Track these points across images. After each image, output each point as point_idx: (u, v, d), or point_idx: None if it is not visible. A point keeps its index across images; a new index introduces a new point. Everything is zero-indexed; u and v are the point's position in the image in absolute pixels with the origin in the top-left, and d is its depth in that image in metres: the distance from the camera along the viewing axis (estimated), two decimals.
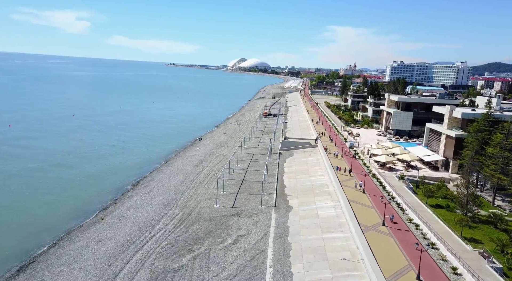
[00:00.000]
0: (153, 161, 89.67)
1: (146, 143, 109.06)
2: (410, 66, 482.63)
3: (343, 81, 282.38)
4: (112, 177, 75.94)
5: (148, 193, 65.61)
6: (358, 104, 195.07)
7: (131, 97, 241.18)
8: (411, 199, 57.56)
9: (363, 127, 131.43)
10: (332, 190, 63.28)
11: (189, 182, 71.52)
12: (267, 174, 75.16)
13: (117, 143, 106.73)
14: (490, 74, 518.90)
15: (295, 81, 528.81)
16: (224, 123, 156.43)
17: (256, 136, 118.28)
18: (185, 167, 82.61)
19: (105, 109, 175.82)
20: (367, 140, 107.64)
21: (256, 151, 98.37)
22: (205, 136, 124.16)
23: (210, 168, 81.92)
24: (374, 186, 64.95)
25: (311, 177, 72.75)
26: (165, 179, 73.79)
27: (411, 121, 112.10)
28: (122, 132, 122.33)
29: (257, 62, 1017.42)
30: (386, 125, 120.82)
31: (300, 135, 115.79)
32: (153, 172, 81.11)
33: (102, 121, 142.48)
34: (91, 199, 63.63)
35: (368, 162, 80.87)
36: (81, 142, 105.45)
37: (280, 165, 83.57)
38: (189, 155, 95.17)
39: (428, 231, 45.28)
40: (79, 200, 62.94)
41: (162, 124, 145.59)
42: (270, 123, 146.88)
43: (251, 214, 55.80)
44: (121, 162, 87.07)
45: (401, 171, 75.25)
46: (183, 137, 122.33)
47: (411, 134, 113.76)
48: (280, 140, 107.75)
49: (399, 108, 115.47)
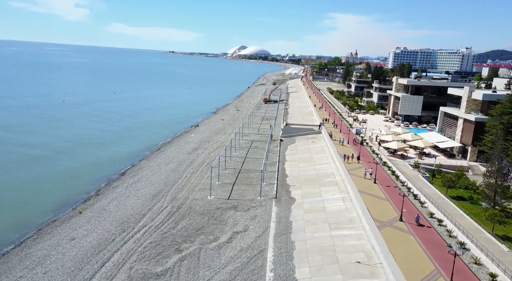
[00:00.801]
0: (144, 149, 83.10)
1: (138, 130, 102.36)
2: (414, 53, 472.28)
3: (345, 67, 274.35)
4: (98, 166, 69.45)
5: (135, 183, 59.17)
6: (362, 89, 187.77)
7: (127, 84, 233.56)
8: (429, 190, 51.08)
9: (368, 113, 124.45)
10: (340, 179, 56.79)
11: (182, 171, 65.04)
12: (267, 163, 68.66)
13: (107, 130, 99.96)
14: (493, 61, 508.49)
15: (296, 68, 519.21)
16: (222, 109, 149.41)
17: (255, 123, 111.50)
18: (178, 155, 76.06)
19: (98, 95, 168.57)
20: (374, 126, 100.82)
21: (256, 138, 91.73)
22: (201, 123, 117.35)
23: (205, 156, 75.37)
24: (385, 175, 58.45)
25: (316, 165, 66.23)
26: (156, 168, 67.29)
27: (421, 106, 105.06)
28: (114, 119, 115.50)
29: (257, 50, 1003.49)
30: (394, 111, 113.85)
31: (302, 121, 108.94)
32: (143, 160, 74.59)
33: (94, 107, 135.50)
34: (72, 190, 57.26)
35: (377, 149, 74.24)
36: (68, 129, 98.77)
37: (281, 153, 77.01)
38: (184, 142, 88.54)
39: (454, 227, 38.87)
40: (59, 192, 56.55)
41: (157, 110, 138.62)
42: (271, 110, 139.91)
43: (248, 207, 49.43)
44: (109, 151, 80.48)
45: (414, 158, 68.65)
46: (178, 123, 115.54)
47: (420, 120, 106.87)
48: (281, 126, 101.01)
49: (408, 92, 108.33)
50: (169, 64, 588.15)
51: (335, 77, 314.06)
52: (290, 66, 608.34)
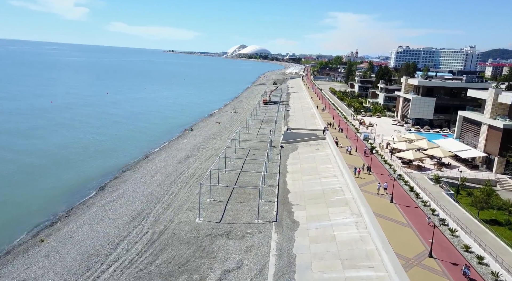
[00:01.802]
0: (131, 158, 75.10)
1: (126, 137, 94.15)
2: (416, 52, 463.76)
3: (347, 67, 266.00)
4: (75, 180, 61.49)
5: (113, 201, 51.22)
6: (366, 90, 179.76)
7: (122, 83, 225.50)
8: (457, 213, 43.11)
9: (375, 116, 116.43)
10: (350, 198, 48.86)
11: (169, 185, 57.10)
12: (267, 174, 60.82)
13: (90, 136, 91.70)
14: (494, 60, 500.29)
15: (296, 67, 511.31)
16: (219, 111, 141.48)
17: (254, 126, 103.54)
18: (166, 165, 68.10)
19: (89, 96, 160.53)
20: (382, 130, 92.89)
21: (254, 144, 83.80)
22: (196, 126, 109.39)
23: (197, 166, 67.41)
24: (403, 192, 50.54)
25: (321, 178, 58.29)
26: (140, 181, 59.33)
27: (433, 109, 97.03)
28: (101, 124, 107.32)
29: (257, 49, 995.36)
30: (403, 113, 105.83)
31: (304, 125, 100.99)
32: (128, 171, 66.58)
33: (82, 110, 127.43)
34: (39, 211, 49.35)
35: (390, 158, 66.29)
36: (46, 138, 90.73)
37: (282, 162, 69.06)
38: (175, 149, 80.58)
39: (500, 268, 30.99)
40: (23, 213, 48.62)
41: (150, 113, 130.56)
42: (270, 111, 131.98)
43: (243, 234, 41.51)
44: (90, 161, 72.41)
45: (432, 170, 60.69)
46: (171, 127, 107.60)
47: (432, 124, 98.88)
48: (281, 131, 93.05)
49: (418, 94, 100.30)
50: (167, 63, 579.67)
51: (336, 76, 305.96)
52: (290, 65, 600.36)
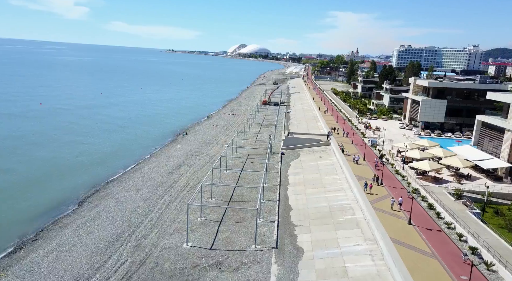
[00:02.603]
0: (117, 166, 68.72)
1: (115, 141, 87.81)
2: (418, 51, 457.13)
3: (349, 66, 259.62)
4: (54, 192, 55.24)
5: (90, 221, 44.92)
6: (369, 90, 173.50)
7: (118, 83, 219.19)
8: (489, 238, 36.83)
9: (381, 118, 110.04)
10: (361, 217, 42.58)
11: (155, 201, 50.83)
12: (266, 186, 54.60)
13: (76, 143, 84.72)
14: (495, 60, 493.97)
15: (296, 67, 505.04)
16: (217, 113, 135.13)
17: (252, 130, 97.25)
18: (155, 175, 61.78)
19: (82, 97, 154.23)
20: (390, 135, 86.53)
21: (252, 150, 77.55)
22: (191, 130, 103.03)
23: (188, 176, 61.12)
24: (421, 210, 44.25)
25: (327, 192, 52.00)
26: (123, 195, 53.03)
27: (444, 112, 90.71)
28: (91, 127, 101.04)
29: (257, 48, 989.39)
30: (411, 116, 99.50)
31: (306, 129, 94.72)
32: (112, 182, 60.25)
33: (71, 113, 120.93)
34: (3, 234, 43.02)
35: (402, 168, 59.99)
36: (32, 142, 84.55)
37: (282, 172, 62.80)
38: (166, 156, 74.25)
39: None
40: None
41: (143, 115, 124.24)
42: (270, 113, 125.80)
43: (238, 265, 35.26)
44: (73, 170, 66.02)
45: (451, 182, 54.38)
46: (164, 131, 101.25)
47: (443, 127, 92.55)
48: (282, 135, 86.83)
49: (428, 95, 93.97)
50: (166, 62, 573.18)
51: (338, 76, 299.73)
52: (290, 64, 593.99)
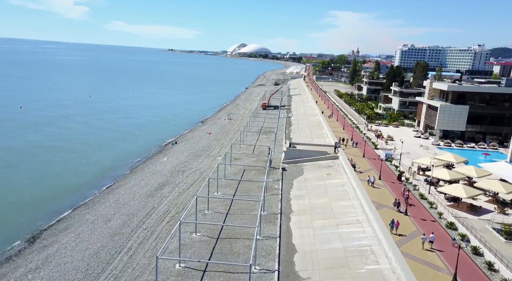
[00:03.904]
0: (90, 185, 58.78)
1: (93, 153, 77.32)
2: (422, 50, 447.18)
3: (352, 66, 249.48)
4: (3, 222, 45.27)
5: (35, 271, 34.85)
6: (375, 92, 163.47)
7: (111, 84, 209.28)
8: None
9: (392, 125, 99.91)
10: (388, 269, 32.54)
11: (126, 237, 40.80)
12: (264, 215, 44.71)
13: (49, 154, 75.14)
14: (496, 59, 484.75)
15: (297, 66, 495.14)
16: (212, 117, 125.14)
17: (250, 139, 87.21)
18: (132, 199, 51.75)
19: (70, 99, 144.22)
20: (405, 145, 76.17)
21: (249, 163, 67.59)
22: (182, 138, 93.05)
23: (171, 200, 51.08)
24: (465, 256, 34.17)
25: (340, 225, 41.97)
26: (87, 229, 43.01)
27: (466, 119, 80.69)
28: (70, 134, 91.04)
29: (257, 48, 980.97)
30: (427, 123, 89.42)
31: (310, 139, 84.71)
32: (80, 208, 50.23)
33: (55, 117, 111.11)
34: None
35: (428, 191, 49.95)
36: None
37: (284, 194, 52.76)
38: (148, 173, 64.17)
39: None
40: None
41: (131, 119, 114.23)
42: (270, 118, 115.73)
43: None
44: (38, 190, 56.11)
45: (491, 212, 44.27)
46: (152, 139, 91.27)
47: (463, 136, 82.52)
48: (283, 146, 76.81)
49: (447, 100, 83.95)
50: (164, 62, 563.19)
51: (340, 76, 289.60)
52: (291, 64, 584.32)
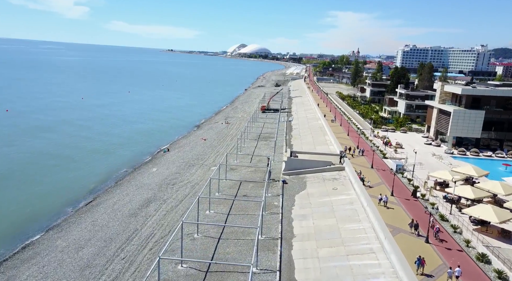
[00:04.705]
0: (66, 201, 52.63)
1: (77, 162, 71.31)
2: (424, 51, 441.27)
3: (354, 67, 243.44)
4: None
5: None
6: (379, 94, 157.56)
7: (106, 86, 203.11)
8: None
9: (399, 130, 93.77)
10: None
11: (99, 271, 34.59)
12: (262, 240, 38.63)
13: (27, 160, 69.31)
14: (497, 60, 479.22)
15: (297, 67, 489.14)
16: (209, 121, 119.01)
17: (248, 146, 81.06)
18: (112, 219, 45.61)
19: (60, 102, 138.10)
20: (418, 155, 69.97)
21: (246, 174, 61.51)
22: (175, 144, 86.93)
23: (157, 221, 44.90)
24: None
25: (350, 255, 35.83)
26: (55, 260, 36.77)
27: (481, 125, 74.57)
28: (54, 140, 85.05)
29: (257, 48, 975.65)
30: (438, 129, 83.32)
31: (313, 146, 78.59)
32: (51, 230, 44.02)
33: (41, 119, 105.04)
34: None
35: (448, 211, 43.85)
36: None
37: (285, 212, 46.63)
38: (135, 186, 58.00)
39: None
40: None
41: (124, 124, 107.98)
42: (270, 122, 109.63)
43: None
44: (7, 205, 49.99)
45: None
46: (144, 146, 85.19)
47: (479, 144, 76.38)
48: (283, 154, 70.77)
49: (461, 105, 77.84)
50: (163, 63, 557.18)
51: (342, 77, 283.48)
52: (291, 65, 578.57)
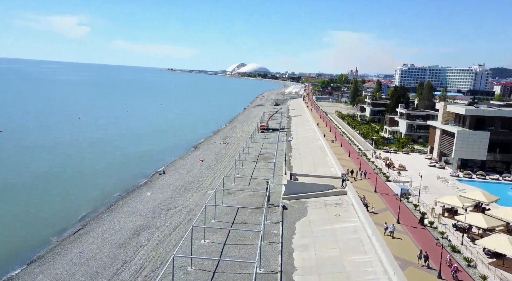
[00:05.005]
0: (57, 228, 49.70)
1: (69, 187, 68.58)
2: (422, 70, 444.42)
3: (353, 86, 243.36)
4: None
5: None
6: (379, 114, 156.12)
7: (104, 104, 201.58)
8: None
9: (402, 151, 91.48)
10: None
11: None
12: (261, 273, 35.65)
13: (15, 185, 66.47)
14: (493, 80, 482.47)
15: (296, 86, 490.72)
16: (207, 141, 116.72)
17: (246, 167, 78.48)
18: (101, 250, 42.59)
19: (55, 120, 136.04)
20: (420, 177, 67.37)
21: (244, 199, 58.74)
22: (171, 166, 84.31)
23: (148, 251, 41.91)
24: None
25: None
26: None
27: (487, 146, 72.35)
28: (49, 161, 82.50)
29: (256, 67, 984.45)
30: (441, 150, 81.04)
31: (313, 167, 76.03)
32: (33, 264, 40.91)
33: (33, 138, 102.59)
34: None
35: (460, 242, 41.02)
36: None
37: (285, 241, 43.71)
38: (127, 212, 55.11)
39: None
40: None
41: (120, 144, 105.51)
42: (269, 142, 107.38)
43: None
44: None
45: None
46: (139, 167, 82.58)
47: (484, 166, 73.94)
48: (283, 176, 68.21)
49: (464, 125, 75.84)
50: (164, 82, 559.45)
51: (341, 96, 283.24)
52: (290, 84, 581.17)
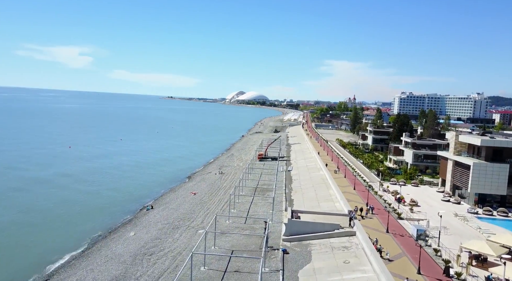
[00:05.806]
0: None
1: (47, 224, 61.81)
2: (420, 98, 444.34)
3: (353, 113, 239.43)
4: None
5: None
6: (381, 142, 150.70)
7: (97, 133, 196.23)
8: None
9: (410, 183, 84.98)
10: None
11: None
12: None
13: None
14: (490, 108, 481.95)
15: (295, 113, 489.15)
16: (202, 171, 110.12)
17: (243, 201, 71.58)
18: None
19: (44, 151, 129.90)
20: (436, 213, 60.77)
21: (240, 240, 51.68)
22: (161, 200, 77.38)
23: None
24: None
25: None
26: None
27: (507, 180, 66.00)
28: (30, 197, 75.78)
29: (255, 95, 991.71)
30: (454, 183, 74.60)
31: (316, 202, 69.20)
32: None
33: (17, 172, 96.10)
34: None
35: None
36: None
37: None
38: (105, 257, 47.87)
39: None
40: None
41: (109, 177, 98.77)
42: (268, 172, 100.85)
43: None
44: None
45: None
46: (127, 202, 75.69)
47: (505, 202, 67.29)
48: (283, 213, 61.38)
49: (479, 157, 69.80)
50: (162, 109, 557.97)
51: (340, 124, 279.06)
52: (288, 111, 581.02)
